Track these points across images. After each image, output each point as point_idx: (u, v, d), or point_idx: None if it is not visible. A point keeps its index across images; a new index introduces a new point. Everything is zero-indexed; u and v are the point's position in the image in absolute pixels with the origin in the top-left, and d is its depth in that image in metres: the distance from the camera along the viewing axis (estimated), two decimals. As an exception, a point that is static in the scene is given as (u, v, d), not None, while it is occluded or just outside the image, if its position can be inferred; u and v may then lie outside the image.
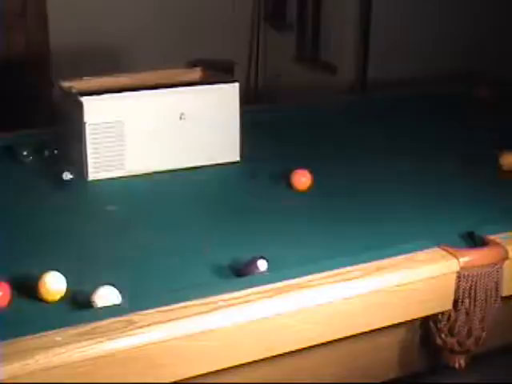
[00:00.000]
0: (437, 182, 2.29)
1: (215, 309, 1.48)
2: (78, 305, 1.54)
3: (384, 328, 1.68)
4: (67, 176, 1.77)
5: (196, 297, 1.51)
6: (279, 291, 1.55)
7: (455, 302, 1.72)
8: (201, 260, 1.76)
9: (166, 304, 1.48)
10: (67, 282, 1.58)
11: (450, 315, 1.74)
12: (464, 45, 3.99)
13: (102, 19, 4.54)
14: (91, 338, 1.37)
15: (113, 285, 1.54)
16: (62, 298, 1.56)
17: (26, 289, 1.59)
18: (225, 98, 2.42)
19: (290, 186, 2.22)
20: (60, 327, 1.39)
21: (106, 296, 1.51)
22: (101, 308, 1.49)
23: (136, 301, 1.50)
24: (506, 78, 3.26)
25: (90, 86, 2.40)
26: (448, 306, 1.72)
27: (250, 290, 1.55)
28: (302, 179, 2.22)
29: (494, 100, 3.07)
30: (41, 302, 1.56)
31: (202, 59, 4.11)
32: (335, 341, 1.62)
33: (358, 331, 1.64)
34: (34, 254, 1.78)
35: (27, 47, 4.35)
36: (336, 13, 4.31)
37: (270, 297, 1.53)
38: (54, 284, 1.56)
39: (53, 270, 1.59)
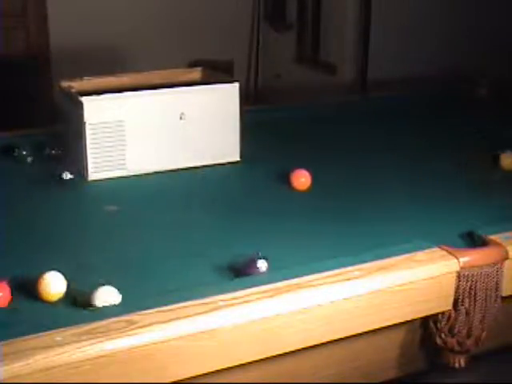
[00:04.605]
0: (437, 181, 2.29)
1: (215, 309, 1.48)
2: (77, 305, 1.53)
3: (384, 328, 1.68)
4: (67, 176, 1.78)
5: (196, 297, 1.51)
6: (279, 291, 1.55)
7: (455, 302, 1.72)
8: (201, 260, 1.75)
9: (166, 304, 1.48)
10: (67, 282, 1.58)
11: (449, 315, 1.73)
12: (464, 45, 3.99)
13: (102, 19, 4.54)
14: (91, 338, 1.36)
15: (110, 284, 1.54)
16: (61, 299, 1.55)
17: (26, 289, 1.58)
18: (225, 98, 2.42)
19: (290, 185, 2.22)
20: (59, 327, 1.39)
21: (106, 296, 1.51)
22: (101, 308, 1.49)
23: (136, 301, 1.50)
24: (506, 77, 3.26)
25: (90, 85, 2.40)
26: (448, 305, 1.72)
27: (249, 290, 1.54)
28: (302, 179, 2.22)
29: (493, 100, 3.08)
30: (41, 302, 1.55)
31: (202, 59, 4.11)
32: (335, 341, 1.62)
33: (358, 331, 1.64)
34: (33, 254, 1.78)
35: (27, 47, 4.36)
36: (336, 13, 4.31)
37: (270, 297, 1.53)
38: (54, 284, 1.55)
39: (52, 270, 1.59)
